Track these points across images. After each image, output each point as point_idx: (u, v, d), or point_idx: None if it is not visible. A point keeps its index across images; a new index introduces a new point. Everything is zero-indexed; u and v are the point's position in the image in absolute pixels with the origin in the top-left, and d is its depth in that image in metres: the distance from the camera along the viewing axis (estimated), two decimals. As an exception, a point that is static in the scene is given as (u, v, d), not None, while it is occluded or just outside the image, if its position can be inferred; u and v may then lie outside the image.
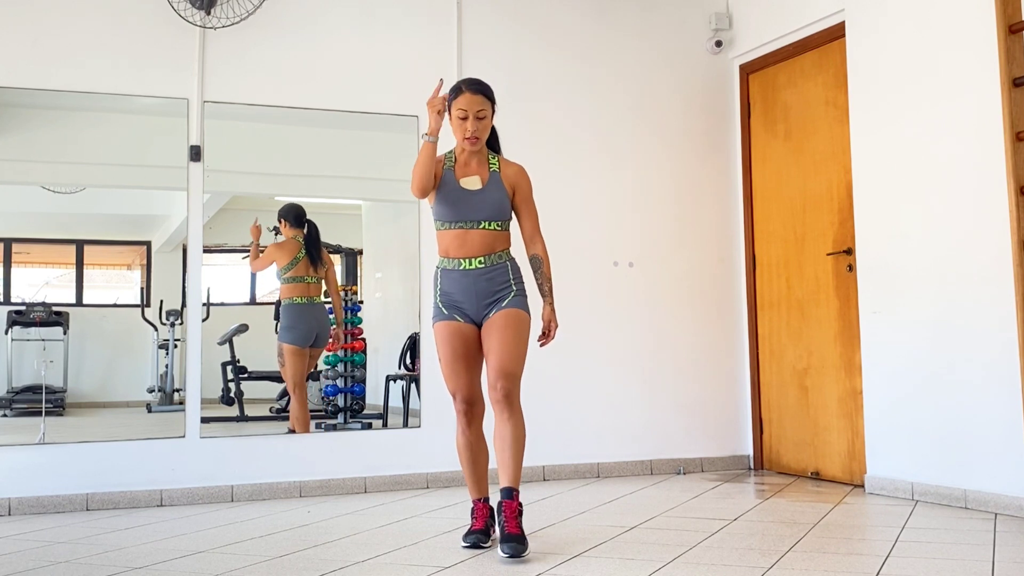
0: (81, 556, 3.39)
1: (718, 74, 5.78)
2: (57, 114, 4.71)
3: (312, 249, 5.17)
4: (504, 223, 3.52)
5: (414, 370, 5.14)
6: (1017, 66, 3.98)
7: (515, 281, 3.50)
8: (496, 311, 3.45)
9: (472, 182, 3.49)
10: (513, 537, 3.26)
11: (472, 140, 3.48)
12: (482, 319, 3.47)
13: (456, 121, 3.50)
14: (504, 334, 3.41)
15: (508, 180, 3.54)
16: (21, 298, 4.85)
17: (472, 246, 3.45)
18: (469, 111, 3.46)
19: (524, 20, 5.41)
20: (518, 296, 3.49)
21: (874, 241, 4.67)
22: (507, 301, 3.46)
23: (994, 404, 4.05)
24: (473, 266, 3.45)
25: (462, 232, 3.46)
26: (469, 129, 3.46)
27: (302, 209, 5.18)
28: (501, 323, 3.43)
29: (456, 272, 3.47)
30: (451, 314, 3.46)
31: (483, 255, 3.46)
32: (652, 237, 5.55)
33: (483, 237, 3.46)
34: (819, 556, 3.22)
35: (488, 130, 3.54)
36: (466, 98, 3.47)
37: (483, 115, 3.48)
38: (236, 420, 5.06)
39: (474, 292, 3.44)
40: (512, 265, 3.52)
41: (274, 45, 4.94)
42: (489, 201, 3.47)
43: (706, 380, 5.57)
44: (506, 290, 3.48)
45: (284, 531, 3.84)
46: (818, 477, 5.09)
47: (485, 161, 3.55)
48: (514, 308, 3.46)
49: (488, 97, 3.51)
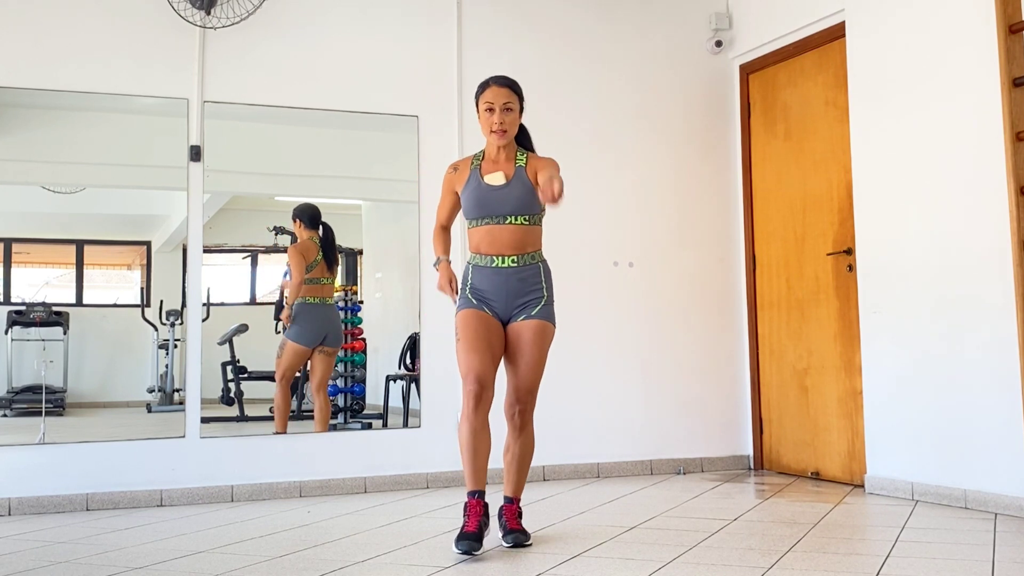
0: (81, 556, 3.39)
1: (718, 74, 5.78)
2: (57, 114, 4.71)
3: (329, 252, 5.17)
4: (532, 217, 3.48)
5: (414, 370, 5.14)
6: (1017, 66, 3.98)
7: (547, 286, 3.51)
8: (524, 318, 3.45)
9: (496, 178, 3.47)
10: (515, 530, 3.41)
11: (500, 133, 3.45)
12: (509, 318, 3.47)
13: (483, 115, 3.48)
14: (532, 352, 3.43)
15: (532, 171, 3.49)
16: (21, 298, 4.85)
17: (503, 243, 3.44)
18: (496, 103, 3.45)
19: (524, 20, 5.41)
20: (547, 305, 3.49)
21: (874, 241, 4.67)
22: (536, 310, 3.46)
23: (994, 404, 4.05)
24: (506, 264, 3.44)
25: (490, 228, 3.45)
26: (496, 121, 3.45)
27: (317, 210, 5.16)
28: (530, 338, 3.43)
29: (488, 269, 3.46)
30: (479, 304, 3.45)
31: (515, 254, 3.45)
32: (652, 237, 5.55)
33: (513, 233, 3.45)
34: (819, 556, 3.22)
35: (516, 124, 3.52)
36: (492, 91, 3.47)
37: (510, 107, 3.47)
38: (236, 420, 5.06)
39: (505, 291, 3.44)
40: (544, 267, 3.52)
41: (274, 45, 4.94)
42: (513, 196, 3.45)
43: (706, 380, 5.57)
44: (537, 294, 3.48)
45: (284, 531, 3.84)
46: (818, 477, 5.09)
47: (513, 157, 3.53)
48: (542, 320, 3.46)
49: (515, 91, 3.51)
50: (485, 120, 3.49)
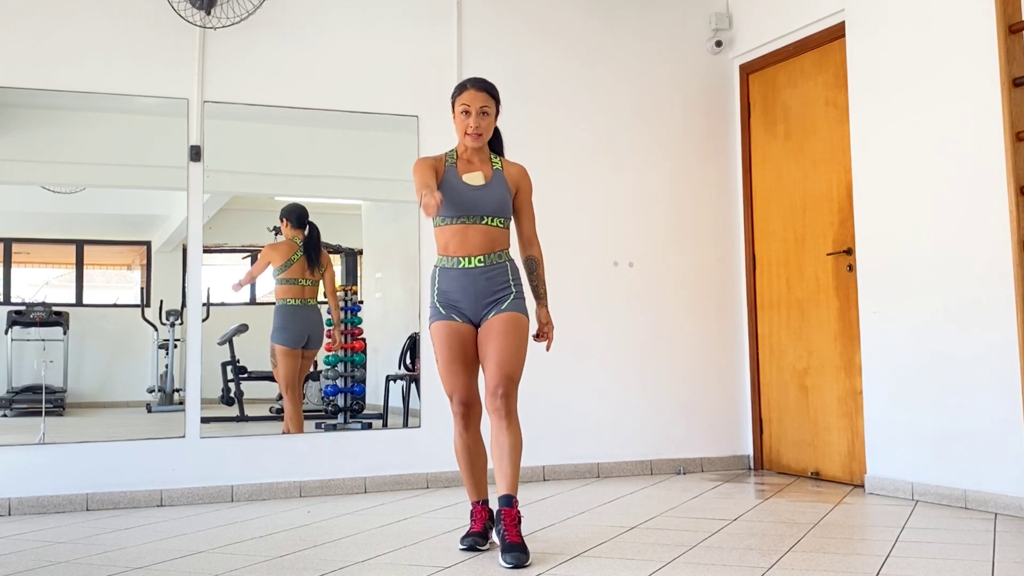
0: (81, 556, 3.39)
1: (718, 74, 5.78)
2: (57, 114, 4.71)
3: (311, 251, 5.16)
4: (505, 221, 3.49)
5: (414, 370, 5.14)
6: (1017, 66, 3.98)
7: (514, 283, 3.47)
8: (495, 313, 3.41)
9: (475, 178, 3.46)
10: (515, 547, 3.20)
11: (475, 136, 3.45)
12: (480, 319, 3.43)
13: (459, 117, 3.47)
14: (504, 340, 3.37)
15: (512, 179, 3.52)
16: (21, 298, 4.85)
17: (473, 243, 3.42)
18: (472, 107, 3.44)
19: (524, 20, 5.41)
20: (517, 299, 3.45)
21: (874, 241, 4.67)
22: (507, 304, 3.42)
23: (994, 404, 4.05)
24: (473, 264, 3.41)
25: (463, 228, 3.42)
26: (472, 125, 3.44)
27: (305, 211, 5.17)
28: (500, 328, 3.38)
29: (455, 271, 3.43)
30: (448, 314, 3.42)
31: (483, 253, 3.43)
32: (652, 237, 5.55)
33: (484, 234, 3.43)
34: (819, 556, 3.22)
35: (491, 128, 3.52)
36: (470, 94, 3.46)
37: (487, 111, 3.46)
38: (236, 420, 5.05)
39: (473, 292, 3.40)
40: (512, 266, 3.49)
41: (274, 45, 4.94)
42: (493, 197, 3.45)
43: (706, 380, 5.57)
44: (505, 291, 3.44)
45: (284, 531, 3.84)
46: (818, 477, 5.09)
47: (488, 160, 3.54)
48: (513, 312, 3.41)
49: (492, 95, 3.49)
50: (460, 122, 3.47)
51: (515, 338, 3.39)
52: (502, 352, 3.36)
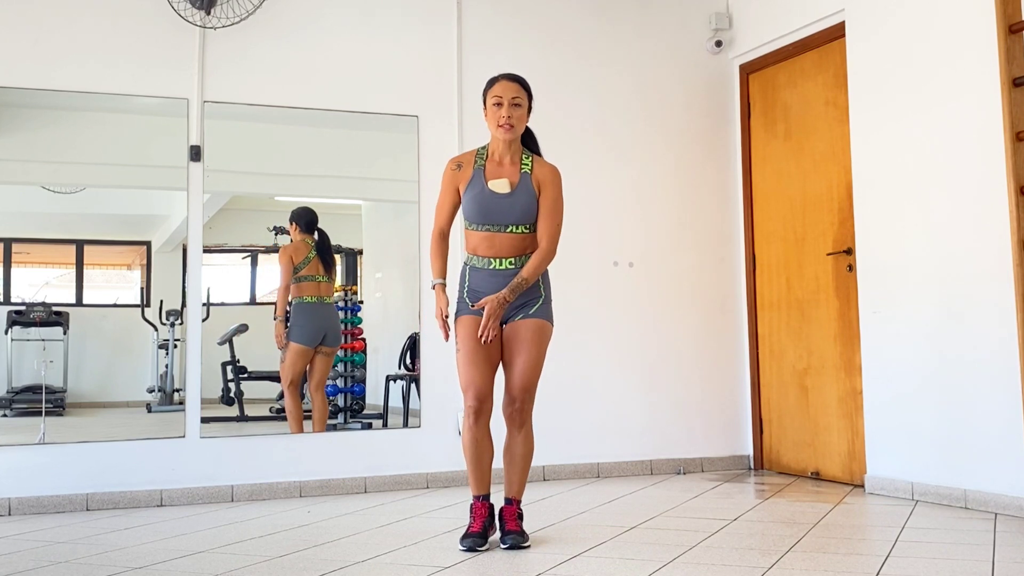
0: (81, 556, 3.39)
1: (718, 74, 5.78)
2: (57, 114, 4.71)
3: (324, 254, 5.16)
4: (532, 226, 3.48)
5: (414, 370, 5.14)
6: (1017, 66, 3.98)
7: (544, 287, 3.51)
8: (522, 317, 3.45)
9: (501, 185, 3.44)
10: (513, 532, 3.39)
11: (507, 127, 3.41)
12: (507, 319, 3.47)
13: (491, 110, 3.43)
14: (530, 349, 3.43)
15: (537, 181, 3.48)
16: (21, 298, 4.85)
17: (501, 248, 3.44)
18: (504, 98, 3.41)
19: (524, 20, 5.41)
20: (545, 304, 3.50)
21: (874, 241, 4.67)
22: (535, 309, 3.47)
23: (994, 404, 4.05)
24: (504, 267, 3.44)
25: (490, 235, 3.44)
26: (503, 115, 3.40)
27: (314, 215, 5.14)
28: (527, 336, 3.43)
29: (486, 271, 3.45)
30: (477, 310, 3.43)
31: (513, 256, 3.45)
32: (652, 237, 5.55)
33: (512, 240, 3.45)
34: (819, 556, 3.22)
35: (524, 120, 3.48)
36: (502, 85, 3.44)
37: (518, 102, 3.42)
38: (236, 420, 5.06)
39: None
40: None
41: (274, 45, 4.94)
42: (518, 206, 3.43)
43: (706, 380, 5.57)
44: (535, 294, 3.48)
45: (284, 531, 3.84)
46: (818, 477, 5.09)
47: (518, 161, 3.49)
48: (540, 319, 3.46)
49: (524, 87, 3.47)
50: (492, 115, 3.44)
51: (539, 348, 3.46)
52: (526, 363, 3.43)
